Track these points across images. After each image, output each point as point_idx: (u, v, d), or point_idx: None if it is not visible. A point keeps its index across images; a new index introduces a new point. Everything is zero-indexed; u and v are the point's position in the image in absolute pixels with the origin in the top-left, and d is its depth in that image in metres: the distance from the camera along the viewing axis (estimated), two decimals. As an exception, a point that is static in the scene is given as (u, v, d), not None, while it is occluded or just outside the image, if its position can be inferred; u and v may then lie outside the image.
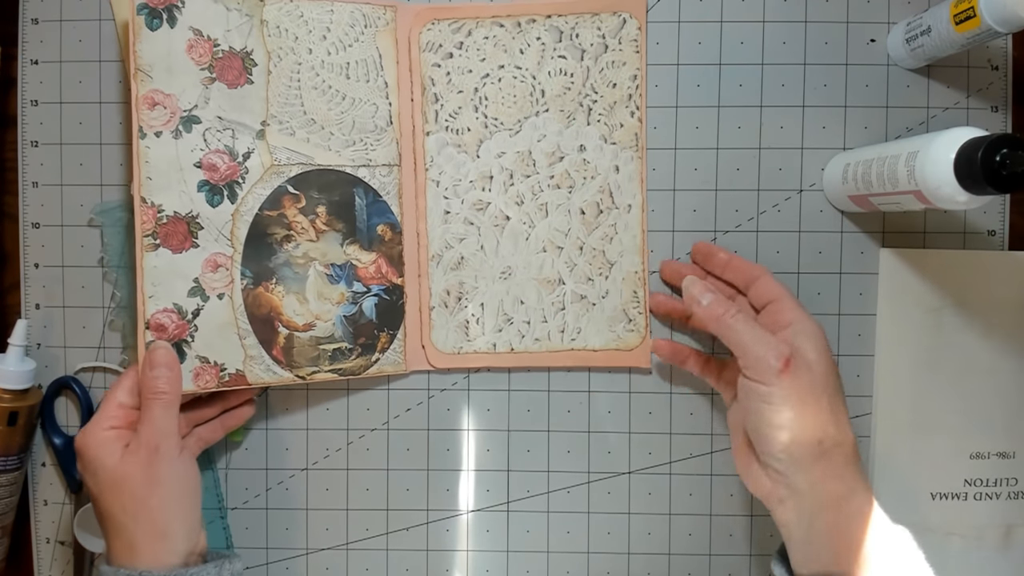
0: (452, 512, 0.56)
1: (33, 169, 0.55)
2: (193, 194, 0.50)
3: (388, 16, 0.53)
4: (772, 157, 0.54)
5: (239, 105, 0.51)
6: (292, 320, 0.52)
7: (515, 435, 0.56)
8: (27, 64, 0.55)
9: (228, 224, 0.51)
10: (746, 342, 0.43)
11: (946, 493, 0.54)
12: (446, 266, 0.54)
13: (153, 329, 0.49)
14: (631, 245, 0.54)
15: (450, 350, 0.55)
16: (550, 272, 0.54)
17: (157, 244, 0.50)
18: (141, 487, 0.45)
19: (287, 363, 0.52)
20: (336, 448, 0.56)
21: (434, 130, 0.54)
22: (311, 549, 0.56)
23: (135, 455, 0.45)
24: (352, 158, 0.53)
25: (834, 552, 0.42)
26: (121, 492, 0.45)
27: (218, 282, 0.51)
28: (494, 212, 0.54)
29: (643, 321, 0.54)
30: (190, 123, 0.50)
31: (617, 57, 0.54)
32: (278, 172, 0.52)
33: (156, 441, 0.45)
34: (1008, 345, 0.53)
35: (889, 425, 0.54)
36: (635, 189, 0.54)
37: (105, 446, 0.46)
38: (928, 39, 0.49)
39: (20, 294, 0.55)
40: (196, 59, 0.50)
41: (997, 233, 0.54)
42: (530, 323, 0.55)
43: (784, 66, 0.54)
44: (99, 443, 0.46)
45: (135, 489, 0.45)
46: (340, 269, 0.53)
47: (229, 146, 0.51)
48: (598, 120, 0.54)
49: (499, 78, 0.54)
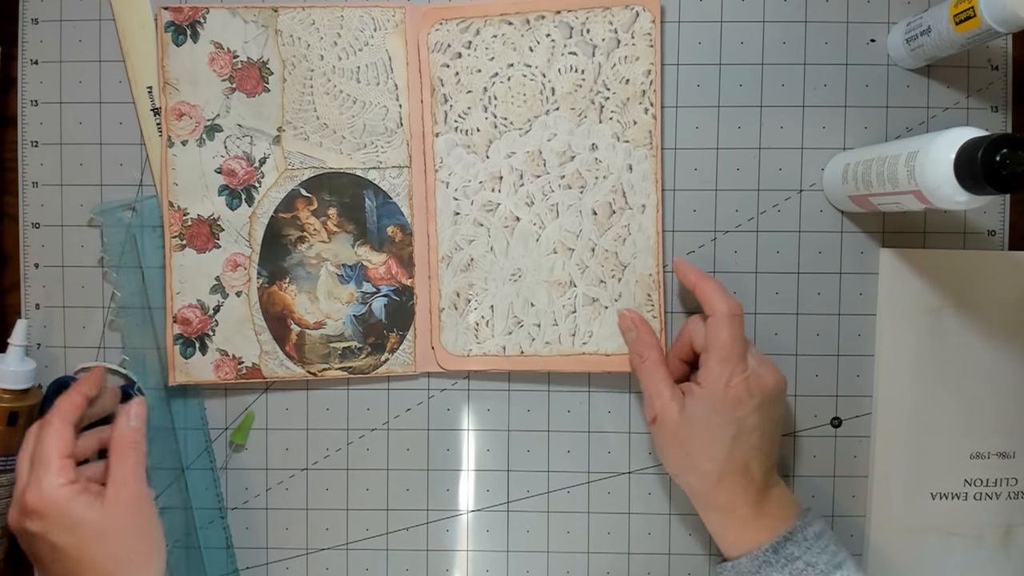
0: (452, 512, 0.56)
1: (33, 169, 0.55)
2: (214, 198, 0.54)
3: (397, 18, 0.53)
4: (772, 157, 0.54)
5: (257, 112, 0.54)
6: (303, 318, 0.54)
7: (515, 435, 0.56)
8: (27, 64, 0.55)
9: (246, 226, 0.54)
10: (644, 388, 0.51)
11: (946, 493, 0.54)
12: (456, 268, 0.54)
13: (180, 323, 0.54)
14: (645, 246, 0.54)
15: (459, 352, 0.55)
16: (561, 274, 0.54)
17: (184, 245, 0.54)
18: (132, 535, 0.46)
19: (299, 359, 0.54)
20: (336, 448, 0.56)
21: (444, 131, 0.54)
22: (311, 549, 0.56)
23: (116, 504, 0.45)
24: (363, 161, 0.54)
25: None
26: (108, 543, 0.45)
27: (237, 280, 0.54)
28: (504, 213, 0.54)
29: (658, 325, 0.54)
30: (213, 131, 0.54)
31: (630, 52, 0.53)
32: (291, 176, 0.54)
33: (135, 490, 0.46)
34: (1008, 345, 0.53)
35: (889, 425, 0.54)
36: (649, 188, 0.54)
37: (76, 499, 0.45)
38: (928, 39, 0.49)
39: (20, 294, 0.55)
40: (218, 71, 0.53)
41: (997, 233, 0.54)
42: (540, 326, 0.54)
43: (784, 66, 0.54)
44: (68, 498, 0.45)
45: (125, 538, 0.45)
46: (351, 269, 0.54)
47: (247, 152, 0.54)
48: (610, 118, 0.53)
49: (508, 77, 0.54)
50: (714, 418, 0.47)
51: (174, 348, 0.54)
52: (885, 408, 0.54)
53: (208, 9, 0.53)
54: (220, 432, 0.56)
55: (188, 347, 0.54)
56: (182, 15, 0.53)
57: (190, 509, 0.56)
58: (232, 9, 0.53)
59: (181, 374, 0.54)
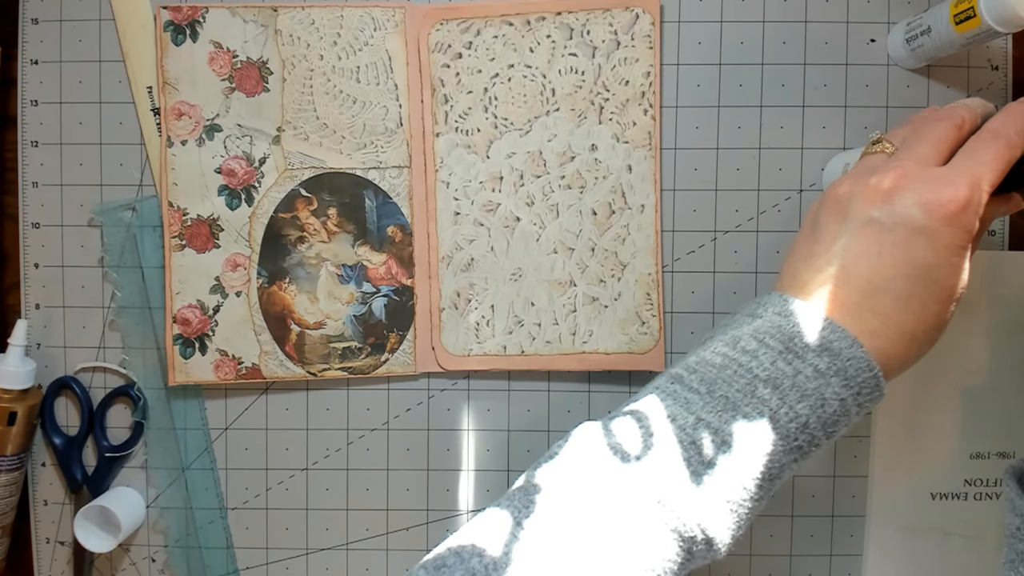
0: (452, 512, 0.56)
1: (33, 169, 0.55)
2: (214, 198, 0.54)
3: (397, 17, 0.53)
4: (772, 157, 0.54)
5: (256, 112, 0.54)
6: (303, 318, 0.54)
7: (515, 435, 0.56)
8: (27, 64, 0.55)
9: (246, 226, 0.54)
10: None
11: (946, 493, 0.54)
12: (456, 268, 0.54)
13: (179, 323, 0.54)
14: (644, 246, 0.54)
15: (460, 352, 0.55)
16: (561, 274, 0.54)
17: (183, 245, 0.54)
18: None
19: (299, 359, 0.54)
20: (336, 448, 0.56)
21: (444, 131, 0.54)
22: (311, 549, 0.56)
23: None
24: (363, 161, 0.54)
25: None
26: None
27: (236, 280, 0.54)
28: (504, 213, 0.54)
29: (656, 324, 0.54)
30: (212, 131, 0.53)
31: (630, 54, 0.53)
32: (291, 176, 0.54)
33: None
34: (1008, 345, 0.53)
35: (889, 425, 0.54)
36: (648, 189, 0.54)
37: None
38: (928, 39, 0.49)
39: (20, 294, 0.55)
40: (217, 71, 0.53)
41: (997, 233, 0.54)
42: (541, 325, 0.54)
43: (784, 66, 0.54)
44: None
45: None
46: (351, 270, 0.54)
47: (247, 152, 0.54)
48: (610, 119, 0.53)
49: (509, 77, 0.54)
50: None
51: (174, 348, 0.54)
52: (885, 408, 0.54)
53: (207, 8, 0.53)
54: (220, 432, 0.56)
55: (188, 347, 0.54)
56: (181, 15, 0.53)
57: (190, 509, 0.56)
58: (231, 9, 0.53)
59: (181, 374, 0.54)
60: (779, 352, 0.35)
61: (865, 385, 0.35)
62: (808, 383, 0.35)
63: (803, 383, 0.35)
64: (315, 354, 0.54)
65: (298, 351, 0.54)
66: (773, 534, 0.55)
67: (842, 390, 0.35)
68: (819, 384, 0.35)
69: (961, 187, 0.35)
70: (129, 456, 0.56)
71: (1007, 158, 0.37)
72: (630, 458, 0.35)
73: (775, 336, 0.36)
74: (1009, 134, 0.37)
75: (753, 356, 0.35)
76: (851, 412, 0.36)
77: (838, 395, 0.35)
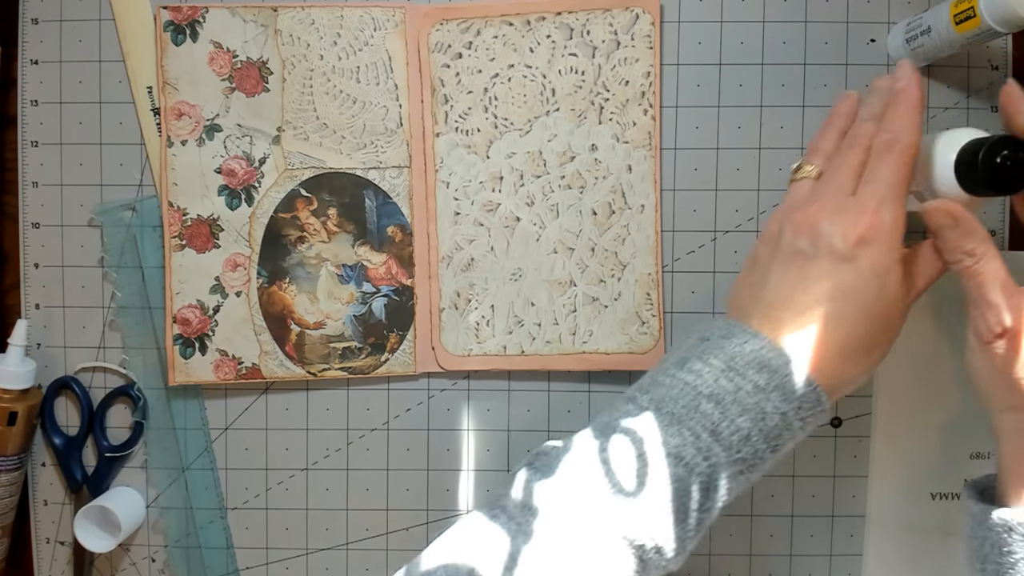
0: (452, 512, 0.56)
1: (33, 169, 0.55)
2: (214, 198, 0.54)
3: (397, 17, 0.53)
4: (772, 157, 0.54)
5: (256, 112, 0.54)
6: (303, 318, 0.54)
7: (515, 435, 0.56)
8: (27, 64, 0.55)
9: (246, 226, 0.54)
10: (980, 296, 0.40)
11: (946, 493, 0.54)
12: (456, 268, 0.54)
13: (179, 323, 0.54)
14: (644, 246, 0.54)
15: (460, 352, 0.55)
16: (561, 274, 0.54)
17: (183, 245, 0.54)
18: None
19: (299, 359, 0.54)
20: (336, 448, 0.56)
21: (444, 131, 0.54)
22: (311, 549, 0.56)
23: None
24: (363, 161, 0.54)
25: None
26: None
27: (236, 280, 0.54)
28: (504, 213, 0.54)
29: (656, 324, 0.54)
30: (212, 131, 0.53)
31: (630, 54, 0.53)
32: (291, 176, 0.54)
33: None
34: (1008, 345, 0.53)
35: (889, 425, 0.54)
36: (648, 189, 0.54)
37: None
38: (928, 39, 0.49)
39: (20, 294, 0.55)
40: (217, 71, 0.53)
41: (997, 233, 0.54)
42: (541, 325, 0.54)
43: (784, 66, 0.54)
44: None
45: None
46: (351, 269, 0.54)
47: (247, 152, 0.54)
48: (610, 119, 0.53)
49: (509, 77, 0.54)
50: None
51: (174, 348, 0.54)
52: (885, 408, 0.54)
53: (207, 9, 0.53)
54: (220, 432, 0.56)
55: (188, 347, 0.54)
56: (181, 14, 0.53)
57: (190, 509, 0.56)
58: (231, 8, 0.53)
59: (181, 374, 0.54)
60: (721, 371, 0.37)
61: (806, 400, 0.37)
62: (748, 398, 0.36)
63: (744, 398, 0.37)
64: (315, 354, 0.54)
65: (298, 351, 0.54)
66: (773, 534, 0.55)
67: (782, 404, 0.37)
68: (759, 399, 0.37)
69: (867, 213, 0.38)
70: (129, 456, 0.56)
71: (903, 163, 0.39)
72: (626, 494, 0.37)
73: (718, 356, 0.38)
74: (897, 137, 0.39)
75: (698, 375, 0.37)
76: (793, 426, 0.37)
77: (778, 409, 0.37)
